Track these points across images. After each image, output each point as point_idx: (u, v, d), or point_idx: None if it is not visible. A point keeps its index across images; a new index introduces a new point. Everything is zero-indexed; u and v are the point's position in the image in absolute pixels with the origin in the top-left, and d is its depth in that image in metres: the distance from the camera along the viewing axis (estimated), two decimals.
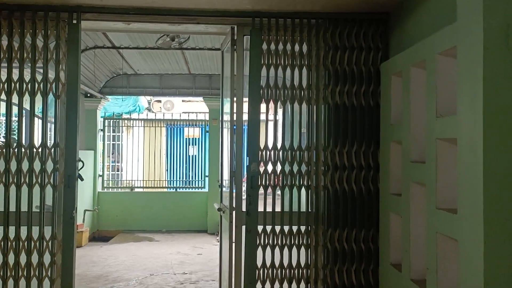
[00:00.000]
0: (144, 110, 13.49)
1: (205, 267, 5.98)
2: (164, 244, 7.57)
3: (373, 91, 3.49)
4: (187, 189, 9.41)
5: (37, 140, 3.41)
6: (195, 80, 9.07)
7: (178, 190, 9.17)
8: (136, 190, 9.23)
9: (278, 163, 3.52)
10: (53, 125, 3.40)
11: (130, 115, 10.35)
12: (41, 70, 3.38)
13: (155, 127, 9.72)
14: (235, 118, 3.65)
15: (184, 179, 10.15)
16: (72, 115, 3.39)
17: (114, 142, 10.76)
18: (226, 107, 4.38)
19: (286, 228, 3.52)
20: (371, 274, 3.45)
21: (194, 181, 9.67)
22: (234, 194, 3.69)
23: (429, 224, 2.43)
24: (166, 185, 10.33)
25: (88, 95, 8.56)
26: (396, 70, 2.99)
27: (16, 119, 3.42)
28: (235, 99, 3.67)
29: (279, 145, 3.53)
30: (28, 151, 3.33)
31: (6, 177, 3.32)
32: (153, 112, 14.57)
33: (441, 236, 2.32)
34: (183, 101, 15.98)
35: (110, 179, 9.41)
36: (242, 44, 3.64)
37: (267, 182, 3.52)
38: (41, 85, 3.35)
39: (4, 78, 3.33)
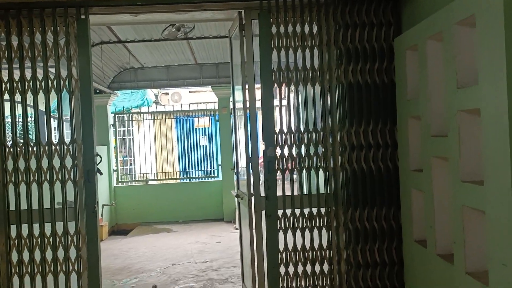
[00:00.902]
0: (152, 104, 13.53)
1: (225, 255, 6.03)
2: (182, 234, 7.65)
3: (387, 67, 3.44)
4: (201, 179, 9.46)
5: (53, 138, 3.43)
6: (202, 70, 9.05)
7: (192, 180, 9.21)
8: (150, 182, 9.30)
9: (294, 146, 3.51)
10: (66, 122, 3.43)
11: (140, 109, 10.38)
12: (53, 68, 3.39)
13: (165, 119, 9.74)
14: (248, 106, 3.64)
15: (197, 169, 10.18)
16: (87, 110, 3.40)
17: (125, 137, 10.83)
18: (238, 95, 4.36)
19: (306, 211, 3.52)
20: (395, 252, 3.44)
21: (207, 171, 9.71)
22: (251, 180, 3.71)
23: (454, 197, 2.41)
24: (179, 176, 10.38)
25: (98, 91, 8.59)
26: (410, 44, 2.95)
27: (32, 118, 3.43)
28: (247, 86, 3.66)
29: (294, 128, 3.51)
30: (46, 148, 3.36)
31: (27, 175, 3.35)
32: (161, 104, 14.60)
33: (467, 209, 2.30)
34: (190, 92, 15.99)
35: (124, 173, 9.48)
36: (250, 28, 3.61)
37: (284, 166, 3.51)
38: (55, 83, 3.36)
39: (17, 77, 3.35)
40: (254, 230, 3.68)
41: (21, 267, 3.36)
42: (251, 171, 3.72)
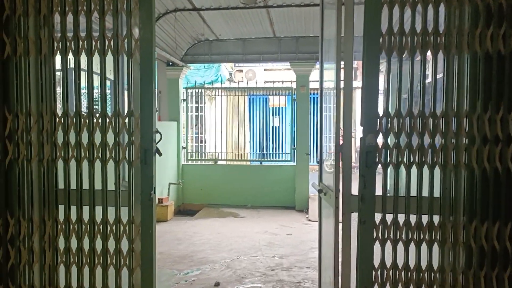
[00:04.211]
0: (226, 81, 13.09)
1: (296, 250, 5.37)
2: (250, 221, 7.09)
3: None
4: (273, 162, 8.80)
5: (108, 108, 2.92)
6: (280, 44, 8.33)
7: (263, 163, 8.59)
8: (220, 163, 8.83)
9: (403, 134, 2.70)
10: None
11: (212, 85, 9.92)
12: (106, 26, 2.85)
13: (238, 96, 9.15)
14: (342, 86, 2.89)
15: (269, 151, 9.55)
16: (147, 78, 2.82)
17: (197, 113, 10.47)
18: (327, 74, 3.64)
19: (412, 218, 2.71)
20: None
21: (279, 154, 9.05)
22: (341, 174, 2.96)
23: None
24: (250, 158, 9.82)
25: (170, 63, 8.21)
26: None
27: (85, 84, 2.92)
28: (342, 63, 2.90)
29: (404, 111, 2.69)
30: (100, 120, 2.85)
31: (78, 151, 2.87)
32: (234, 82, 14.16)
33: None
34: (265, 70, 15.37)
35: (194, 151, 9.10)
36: None
37: (388, 159, 2.71)
38: (112, 42, 2.82)
39: (71, 35, 2.85)
40: (340, 235, 2.96)
41: (68, 255, 2.93)
42: (340, 162, 2.97)
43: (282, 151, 9.27)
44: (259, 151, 11.62)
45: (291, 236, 6.13)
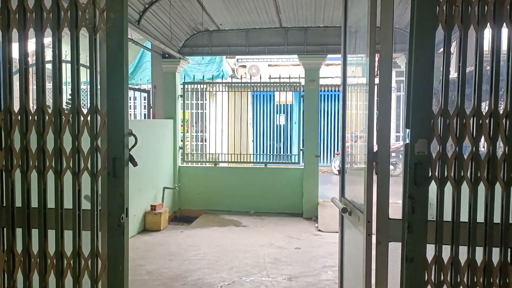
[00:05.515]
0: (228, 77, 12.38)
1: (306, 270, 4.63)
2: (253, 230, 6.36)
3: None
4: (278, 164, 8.06)
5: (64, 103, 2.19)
6: (287, 35, 7.58)
7: (267, 165, 7.84)
8: (220, 164, 8.09)
9: (466, 140, 1.96)
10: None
11: (213, 79, 9.15)
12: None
13: (241, 92, 8.40)
14: (377, 82, 2.18)
15: (274, 153, 8.81)
16: (117, 61, 2.09)
17: (197, 111, 9.75)
18: (351, 68, 2.95)
19: (478, 255, 1.98)
20: None
21: (285, 155, 8.31)
22: (375, 190, 2.24)
23: None
24: (253, 160, 9.09)
25: (166, 55, 7.48)
26: None
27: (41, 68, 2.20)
28: (377, 56, 2.19)
29: (468, 108, 1.96)
30: (53, 119, 2.12)
31: (24, 159, 2.15)
32: (237, 78, 13.45)
33: None
34: (269, 65, 14.63)
35: (193, 151, 8.34)
36: None
37: (445, 173, 1.98)
38: (68, 13, 2.09)
39: (15, 4, 2.13)
40: (373, 270, 2.24)
41: None
42: (374, 175, 2.25)
43: (288, 152, 8.52)
44: (263, 152, 10.92)
45: (300, 250, 5.40)
